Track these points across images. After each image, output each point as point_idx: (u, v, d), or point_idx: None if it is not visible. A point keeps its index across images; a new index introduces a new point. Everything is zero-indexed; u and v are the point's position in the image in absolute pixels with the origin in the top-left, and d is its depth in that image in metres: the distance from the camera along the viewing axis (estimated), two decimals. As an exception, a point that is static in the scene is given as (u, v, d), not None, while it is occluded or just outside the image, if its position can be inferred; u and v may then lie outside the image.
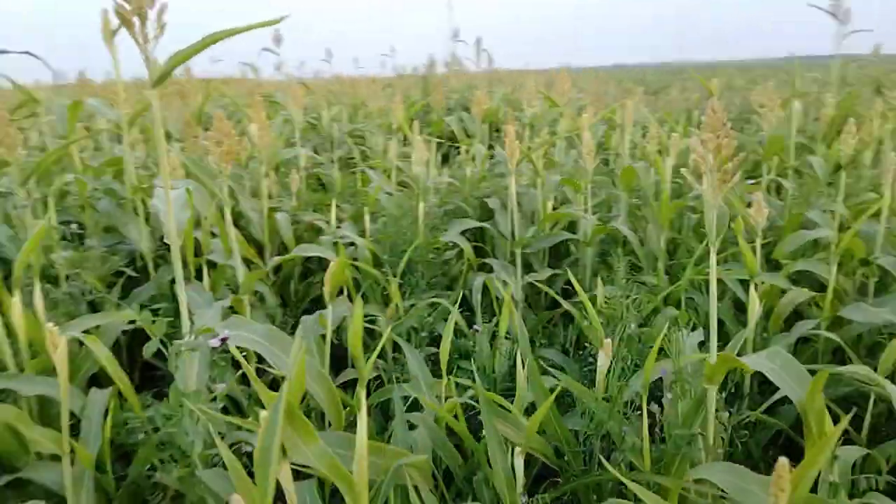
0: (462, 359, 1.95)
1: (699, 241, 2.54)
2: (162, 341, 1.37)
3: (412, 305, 2.21)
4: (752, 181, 2.79)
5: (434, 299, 2.17)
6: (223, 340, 1.17)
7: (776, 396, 1.52)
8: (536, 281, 2.51)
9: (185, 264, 2.28)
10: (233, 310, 1.83)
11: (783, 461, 0.82)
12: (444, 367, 1.48)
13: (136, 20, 1.15)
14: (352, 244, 2.50)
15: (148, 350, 1.51)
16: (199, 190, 2.07)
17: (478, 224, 2.61)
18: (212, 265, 2.21)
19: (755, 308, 1.56)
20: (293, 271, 2.57)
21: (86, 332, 1.54)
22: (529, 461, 1.41)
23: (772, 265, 2.00)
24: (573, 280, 1.85)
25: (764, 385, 1.84)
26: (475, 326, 1.89)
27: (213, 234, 2.24)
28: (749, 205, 1.85)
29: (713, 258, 1.21)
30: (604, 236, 2.68)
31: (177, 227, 1.35)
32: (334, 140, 4.83)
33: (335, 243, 2.44)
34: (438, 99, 3.12)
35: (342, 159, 4.91)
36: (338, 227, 2.56)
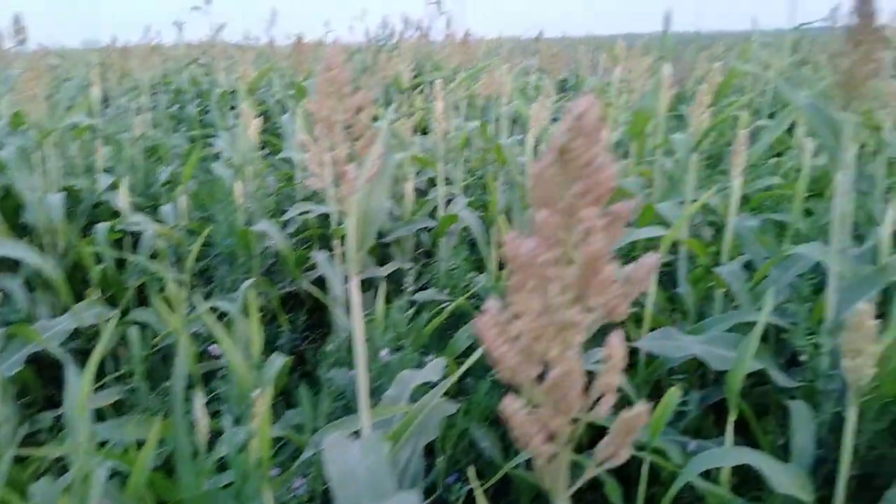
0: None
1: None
2: None
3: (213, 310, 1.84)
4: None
5: (219, 303, 1.78)
6: None
7: None
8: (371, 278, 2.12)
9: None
10: None
11: None
12: (80, 411, 1.07)
13: None
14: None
15: None
16: None
17: (313, 207, 2.19)
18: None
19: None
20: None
21: None
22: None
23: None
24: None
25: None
26: (211, 348, 1.49)
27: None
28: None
29: (355, 286, 0.81)
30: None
31: None
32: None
33: (117, 233, 2.06)
34: (300, 62, 2.69)
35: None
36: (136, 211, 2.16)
